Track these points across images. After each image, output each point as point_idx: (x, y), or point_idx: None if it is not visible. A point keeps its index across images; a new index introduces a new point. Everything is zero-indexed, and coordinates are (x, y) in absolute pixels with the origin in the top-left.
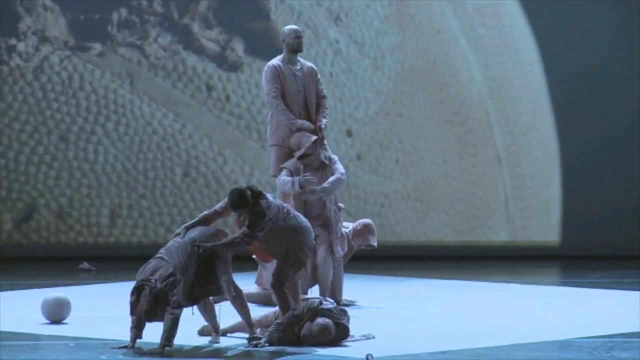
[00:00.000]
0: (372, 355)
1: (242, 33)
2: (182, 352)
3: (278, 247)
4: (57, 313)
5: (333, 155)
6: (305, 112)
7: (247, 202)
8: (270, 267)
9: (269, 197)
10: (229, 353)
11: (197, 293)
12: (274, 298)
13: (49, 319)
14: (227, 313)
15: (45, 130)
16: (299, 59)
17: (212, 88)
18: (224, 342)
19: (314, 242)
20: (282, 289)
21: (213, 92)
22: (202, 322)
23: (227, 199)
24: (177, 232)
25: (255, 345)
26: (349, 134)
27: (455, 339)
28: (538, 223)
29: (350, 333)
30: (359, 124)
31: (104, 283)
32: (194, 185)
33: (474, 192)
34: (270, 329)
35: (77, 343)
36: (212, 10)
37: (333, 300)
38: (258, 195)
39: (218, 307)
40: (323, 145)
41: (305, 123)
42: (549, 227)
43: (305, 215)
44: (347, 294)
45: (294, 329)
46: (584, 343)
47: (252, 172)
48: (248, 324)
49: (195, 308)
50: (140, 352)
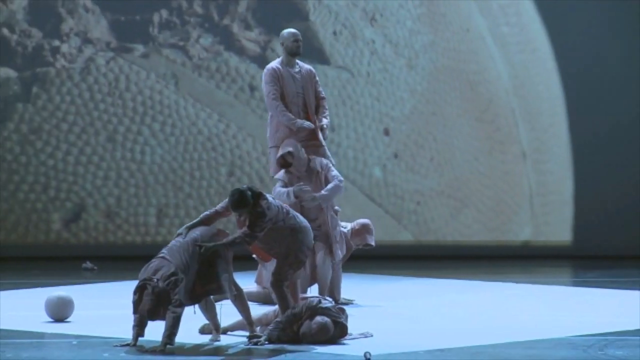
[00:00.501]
0: (370, 353)
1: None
2: (183, 350)
3: (278, 246)
4: (60, 312)
5: (326, 161)
6: (305, 113)
7: (247, 202)
8: (270, 266)
9: (269, 197)
10: (230, 351)
11: (198, 292)
12: (274, 297)
13: (53, 318)
14: (227, 312)
15: (93, 131)
16: (298, 62)
17: (254, 88)
18: (225, 340)
19: (313, 242)
20: (281, 288)
21: (256, 92)
22: (203, 320)
23: (227, 200)
24: (178, 232)
25: (255, 343)
26: (387, 133)
27: (453, 337)
28: (557, 218)
29: (349, 331)
30: (396, 123)
31: (107, 282)
32: (238, 185)
33: (503, 188)
34: (270, 327)
35: (80, 341)
36: (251, 11)
37: (331, 299)
38: (258, 196)
39: (219, 306)
40: (322, 148)
41: (305, 122)
42: (565, 223)
43: None
44: (345, 293)
45: (293, 327)
46: (579, 341)
47: None
48: (248, 322)
49: (197, 307)
50: (142, 350)
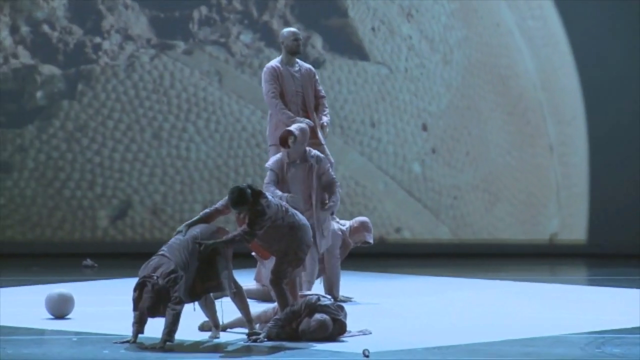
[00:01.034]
0: (368, 350)
1: (320, 30)
2: (182, 347)
3: (277, 244)
4: (60, 308)
5: (323, 156)
6: (304, 112)
7: (247, 200)
8: (269, 264)
9: (269, 196)
10: (229, 348)
11: (198, 289)
12: (273, 294)
13: (53, 314)
14: (227, 309)
15: (139, 128)
16: (297, 61)
17: None
18: (224, 337)
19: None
20: (280, 286)
21: None
22: (202, 317)
23: (227, 197)
24: (178, 229)
25: (255, 340)
26: (424, 128)
27: (450, 335)
28: (578, 210)
29: (348, 329)
30: (433, 118)
31: (107, 279)
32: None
33: (532, 181)
34: (269, 325)
35: (80, 338)
36: (289, 7)
37: (330, 297)
38: (258, 195)
39: (219, 303)
40: (321, 146)
41: (305, 120)
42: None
43: None
44: (344, 291)
45: (292, 325)
46: (576, 339)
47: (336, 167)
48: (247, 320)
49: (196, 304)
50: (142, 346)
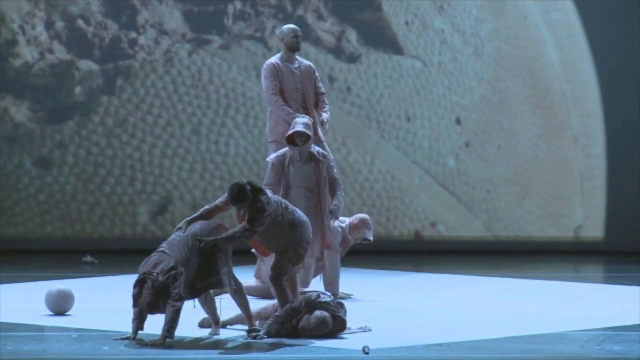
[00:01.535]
0: (368, 347)
1: (354, 24)
2: (182, 343)
3: (277, 241)
4: (60, 305)
5: (325, 152)
6: (304, 109)
7: (246, 196)
8: (269, 260)
9: (269, 192)
10: (229, 344)
11: (198, 286)
12: (273, 291)
13: (53, 311)
14: (227, 306)
15: (178, 124)
16: (297, 58)
17: (334, 79)
18: (224, 333)
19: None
20: (280, 283)
21: (335, 83)
22: (202, 314)
23: (227, 194)
24: (178, 226)
25: (254, 337)
26: (458, 122)
27: (451, 332)
28: (601, 203)
29: (347, 325)
30: (466, 112)
31: (107, 276)
32: None
33: (559, 174)
34: (269, 321)
35: (80, 334)
36: (322, 1)
37: (330, 294)
38: (258, 191)
39: (218, 300)
40: (321, 143)
41: (305, 117)
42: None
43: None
44: (344, 288)
45: (292, 322)
46: (577, 336)
47: (372, 161)
48: (247, 317)
49: (196, 300)
50: (142, 343)
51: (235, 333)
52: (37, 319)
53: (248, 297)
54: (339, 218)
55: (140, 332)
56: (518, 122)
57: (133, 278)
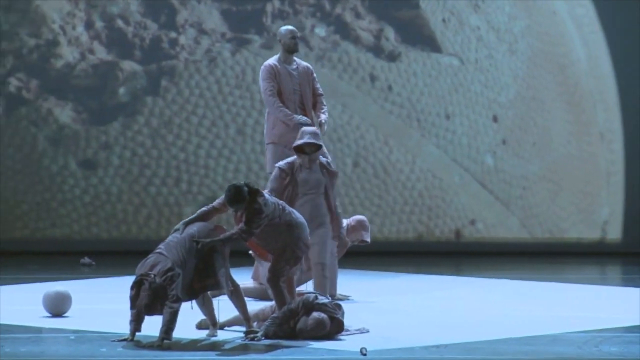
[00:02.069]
0: (366, 349)
1: (391, 22)
2: (180, 345)
3: (274, 242)
4: (58, 306)
5: (325, 159)
6: (302, 110)
7: (243, 198)
8: (266, 262)
9: (266, 194)
10: (226, 346)
11: (196, 287)
12: (270, 293)
13: (50, 312)
14: (224, 307)
15: (223, 124)
16: (295, 59)
17: (375, 78)
18: (222, 335)
19: (309, 238)
20: (278, 284)
21: (377, 82)
22: (200, 315)
23: (224, 195)
24: (175, 227)
25: (252, 339)
26: (495, 120)
27: (449, 333)
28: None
29: (345, 327)
30: (502, 109)
31: (105, 277)
32: (364, 175)
33: (588, 170)
34: (267, 323)
35: (77, 336)
36: (360, 0)
37: (328, 295)
38: (255, 193)
39: (216, 301)
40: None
41: (303, 118)
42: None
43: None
44: (341, 289)
45: (290, 323)
46: (575, 337)
47: (414, 160)
48: (245, 318)
49: (194, 302)
50: (140, 345)
51: (233, 334)
52: (34, 321)
53: (246, 298)
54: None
55: (138, 333)
56: (551, 118)
57: (130, 279)
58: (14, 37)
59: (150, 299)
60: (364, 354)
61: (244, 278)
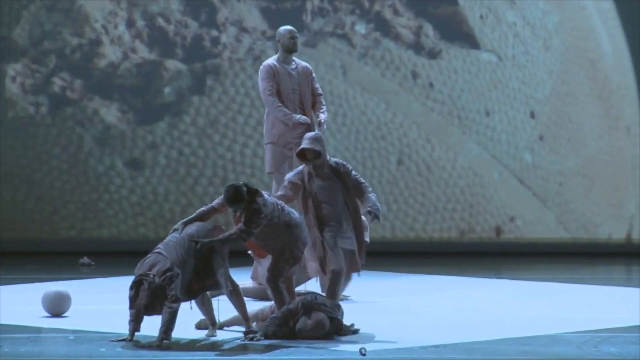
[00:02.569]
0: (365, 349)
1: (429, 19)
2: (179, 345)
3: (273, 242)
4: (57, 306)
5: (341, 161)
6: (301, 110)
7: (242, 198)
8: (266, 262)
9: (265, 194)
10: (226, 346)
11: (195, 288)
12: (269, 293)
13: (50, 313)
14: (224, 307)
15: None
16: (294, 59)
17: (417, 76)
18: (221, 335)
19: (309, 238)
20: (277, 284)
21: (418, 79)
22: (199, 315)
23: (223, 195)
24: (174, 227)
25: (251, 339)
26: (532, 116)
27: (447, 333)
28: None
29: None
30: (539, 105)
31: (104, 277)
32: (408, 173)
33: (617, 164)
34: (266, 323)
35: (76, 336)
36: None
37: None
38: (254, 193)
39: (216, 301)
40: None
41: (302, 117)
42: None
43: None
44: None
45: (289, 323)
46: (573, 337)
47: (455, 157)
48: (244, 318)
49: (193, 302)
50: (139, 345)
51: (232, 335)
52: (34, 321)
53: (245, 298)
54: None
55: (137, 333)
56: (584, 114)
57: (129, 280)
58: (57, 36)
59: (150, 299)
60: (363, 354)
61: (243, 278)
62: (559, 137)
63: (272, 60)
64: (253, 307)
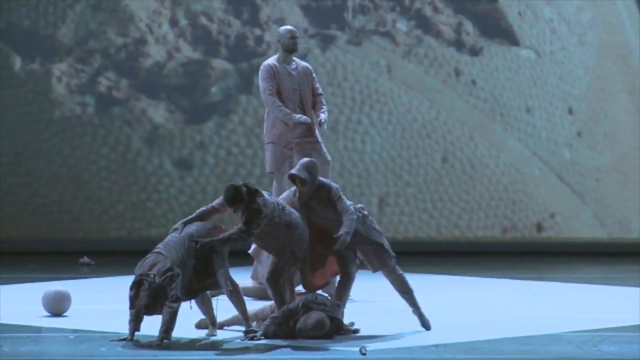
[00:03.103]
0: (365, 348)
1: (469, 15)
2: (179, 344)
3: (274, 242)
4: (57, 306)
5: (336, 186)
6: (301, 110)
7: (242, 198)
8: (266, 262)
9: (265, 194)
10: (226, 346)
11: (195, 287)
12: (270, 292)
13: (50, 312)
14: (224, 307)
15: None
16: (294, 59)
17: (460, 73)
18: (221, 335)
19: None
20: (277, 284)
21: (461, 77)
22: (199, 315)
23: (223, 195)
24: (174, 227)
25: (251, 338)
26: (570, 112)
27: (447, 333)
28: None
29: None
30: (576, 101)
31: (104, 277)
32: (452, 171)
33: None
34: (266, 323)
35: (77, 335)
36: None
37: (327, 295)
38: (254, 193)
39: (215, 300)
40: (318, 144)
41: (302, 117)
42: None
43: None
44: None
45: (289, 323)
46: (573, 337)
47: (498, 154)
48: (244, 318)
49: (193, 302)
50: (139, 344)
51: (232, 334)
52: (34, 320)
53: (245, 298)
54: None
55: (137, 333)
56: (617, 109)
57: (129, 279)
58: (102, 36)
59: (150, 299)
60: (364, 354)
61: (243, 278)
62: (595, 133)
63: (272, 60)
64: (253, 306)
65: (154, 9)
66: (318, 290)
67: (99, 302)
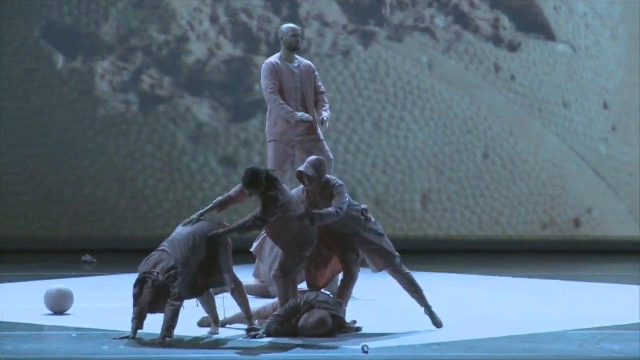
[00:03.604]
0: (367, 346)
1: (505, 10)
2: (182, 342)
3: (284, 236)
4: (60, 304)
5: (340, 182)
6: (303, 108)
7: (259, 182)
8: (268, 260)
9: (284, 186)
10: (228, 344)
11: (200, 285)
12: (272, 290)
13: (52, 310)
14: (228, 305)
15: (359, 119)
16: (297, 57)
17: (499, 69)
18: (224, 333)
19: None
20: (284, 281)
21: (500, 72)
22: (202, 313)
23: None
24: (191, 218)
25: (254, 336)
26: (605, 107)
27: (450, 331)
28: None
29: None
30: (611, 96)
31: (106, 275)
32: (493, 167)
33: None
34: (269, 321)
35: (79, 334)
36: None
37: (329, 293)
38: (274, 181)
39: (221, 299)
40: (320, 142)
41: (304, 115)
42: None
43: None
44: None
45: (292, 321)
46: (576, 335)
47: (537, 150)
48: (247, 316)
49: (198, 299)
50: (142, 342)
51: (235, 332)
52: (36, 319)
53: (247, 296)
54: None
55: (140, 331)
56: None
57: (132, 277)
58: (143, 33)
59: (153, 297)
60: (366, 352)
61: (246, 276)
62: (629, 127)
63: (274, 59)
64: (255, 304)
65: (195, 7)
66: (322, 289)
67: (102, 300)
